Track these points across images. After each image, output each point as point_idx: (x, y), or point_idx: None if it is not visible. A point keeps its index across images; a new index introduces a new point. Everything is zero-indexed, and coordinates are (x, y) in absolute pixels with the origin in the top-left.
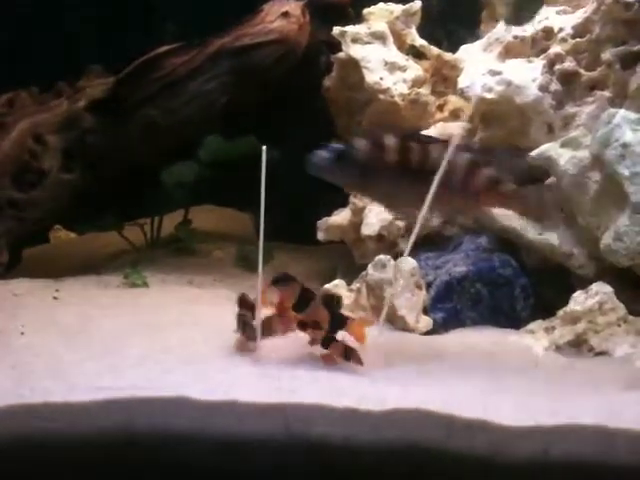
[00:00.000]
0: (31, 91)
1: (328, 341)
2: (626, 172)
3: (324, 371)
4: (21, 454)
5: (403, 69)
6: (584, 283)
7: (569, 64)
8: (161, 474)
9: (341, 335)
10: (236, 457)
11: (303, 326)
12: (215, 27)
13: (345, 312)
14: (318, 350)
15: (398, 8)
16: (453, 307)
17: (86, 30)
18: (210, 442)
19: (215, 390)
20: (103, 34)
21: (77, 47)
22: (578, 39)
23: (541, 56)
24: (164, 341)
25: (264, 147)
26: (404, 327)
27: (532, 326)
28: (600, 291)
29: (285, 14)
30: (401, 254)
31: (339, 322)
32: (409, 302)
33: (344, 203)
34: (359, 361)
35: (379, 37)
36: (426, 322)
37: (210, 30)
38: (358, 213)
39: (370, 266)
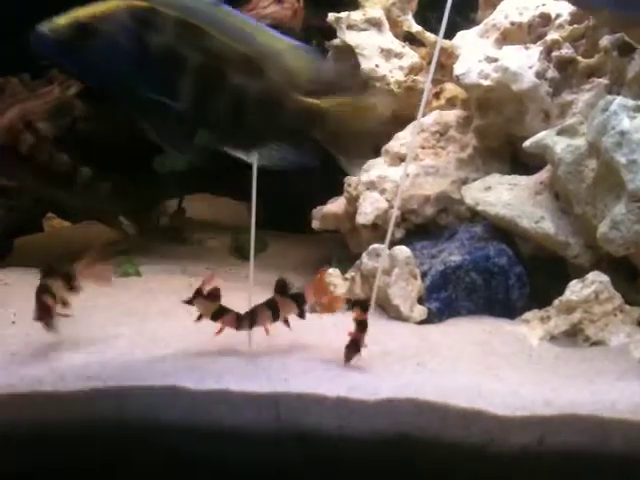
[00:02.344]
0: (22, 78)
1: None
2: (623, 160)
3: (315, 361)
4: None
5: (399, 56)
6: (580, 272)
7: (566, 51)
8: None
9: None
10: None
11: None
12: None
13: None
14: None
15: None
16: (448, 296)
17: None
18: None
19: (205, 379)
20: None
21: None
22: (575, 25)
23: (538, 43)
24: (154, 331)
25: None
26: (398, 316)
27: (527, 315)
28: (596, 280)
29: (279, 0)
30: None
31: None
32: (403, 291)
33: (339, 192)
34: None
35: (375, 24)
36: (420, 311)
37: None
38: (353, 202)
39: (364, 255)
